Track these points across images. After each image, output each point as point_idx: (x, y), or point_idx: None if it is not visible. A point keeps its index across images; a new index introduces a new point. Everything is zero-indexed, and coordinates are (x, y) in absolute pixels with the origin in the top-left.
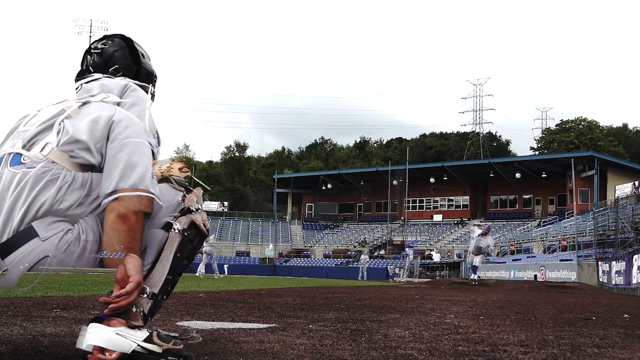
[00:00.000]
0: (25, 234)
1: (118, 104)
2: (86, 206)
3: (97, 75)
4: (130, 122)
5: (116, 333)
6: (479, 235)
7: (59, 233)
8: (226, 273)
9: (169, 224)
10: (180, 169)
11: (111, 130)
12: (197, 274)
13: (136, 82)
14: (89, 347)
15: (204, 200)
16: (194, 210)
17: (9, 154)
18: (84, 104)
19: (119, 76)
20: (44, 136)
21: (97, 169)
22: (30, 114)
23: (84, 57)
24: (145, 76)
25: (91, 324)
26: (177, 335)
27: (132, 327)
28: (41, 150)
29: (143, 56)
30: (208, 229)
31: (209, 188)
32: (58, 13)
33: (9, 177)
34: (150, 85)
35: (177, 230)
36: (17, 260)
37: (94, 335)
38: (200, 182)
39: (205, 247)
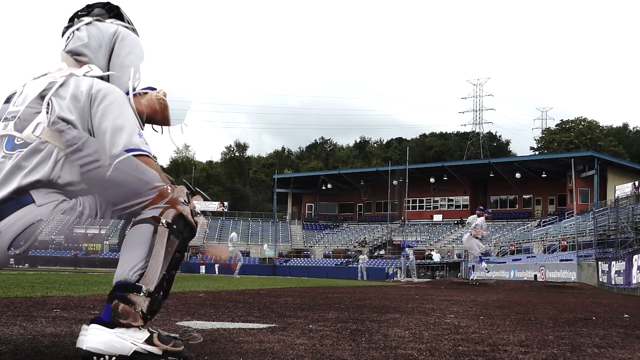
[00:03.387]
0: (21, 199)
1: (101, 77)
2: (83, 184)
3: (86, 20)
4: (109, 89)
5: (116, 335)
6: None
7: (54, 202)
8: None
9: (156, 218)
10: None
11: (92, 102)
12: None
13: (126, 25)
14: (90, 348)
15: (188, 200)
16: (182, 202)
17: (2, 136)
18: (68, 77)
19: (111, 17)
20: (34, 116)
21: None
22: (17, 91)
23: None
24: None
25: (92, 325)
26: (177, 336)
27: (132, 328)
28: (33, 131)
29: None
30: (197, 222)
31: (194, 189)
32: (58, 13)
33: (5, 159)
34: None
35: (164, 224)
36: (11, 222)
37: (94, 337)
38: (188, 184)
39: (230, 248)
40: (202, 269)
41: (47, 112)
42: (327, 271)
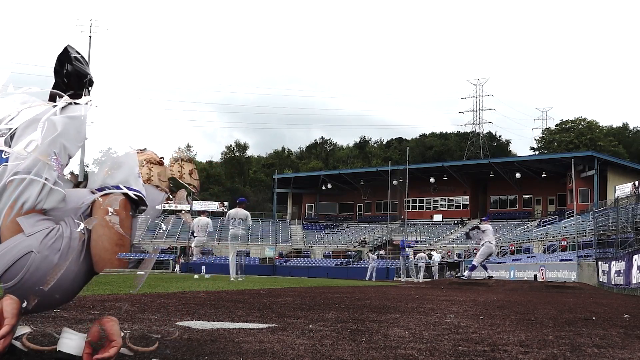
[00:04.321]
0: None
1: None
2: (69, 205)
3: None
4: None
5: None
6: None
7: (43, 230)
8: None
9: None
10: (191, 174)
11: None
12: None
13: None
14: (63, 352)
15: (188, 202)
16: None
17: None
18: (69, 104)
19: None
20: (27, 134)
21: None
22: (11, 114)
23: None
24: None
25: (65, 329)
26: (152, 335)
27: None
28: (25, 147)
29: (76, 59)
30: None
31: (193, 190)
32: (58, 15)
33: None
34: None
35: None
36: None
37: (67, 341)
38: (185, 184)
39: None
40: (203, 268)
41: (42, 130)
42: (327, 271)
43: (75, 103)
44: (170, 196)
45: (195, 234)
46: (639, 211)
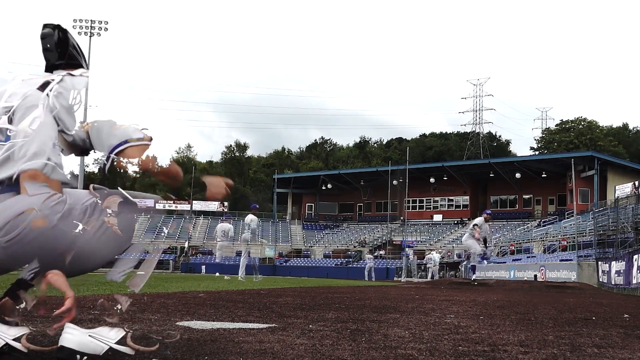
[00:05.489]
0: (14, 188)
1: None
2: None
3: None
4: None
5: (89, 335)
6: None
7: (46, 193)
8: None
9: None
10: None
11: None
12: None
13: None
14: (64, 352)
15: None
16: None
17: None
18: (65, 76)
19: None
20: (29, 111)
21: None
22: (7, 89)
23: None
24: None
25: (67, 324)
26: (153, 336)
27: (106, 327)
28: (30, 125)
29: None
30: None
31: (130, 198)
32: (58, 15)
33: None
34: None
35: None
36: (2, 208)
37: (69, 336)
38: (123, 192)
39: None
40: (203, 268)
41: (44, 107)
42: (327, 271)
43: (71, 74)
44: (169, 201)
45: (218, 239)
46: (639, 211)
